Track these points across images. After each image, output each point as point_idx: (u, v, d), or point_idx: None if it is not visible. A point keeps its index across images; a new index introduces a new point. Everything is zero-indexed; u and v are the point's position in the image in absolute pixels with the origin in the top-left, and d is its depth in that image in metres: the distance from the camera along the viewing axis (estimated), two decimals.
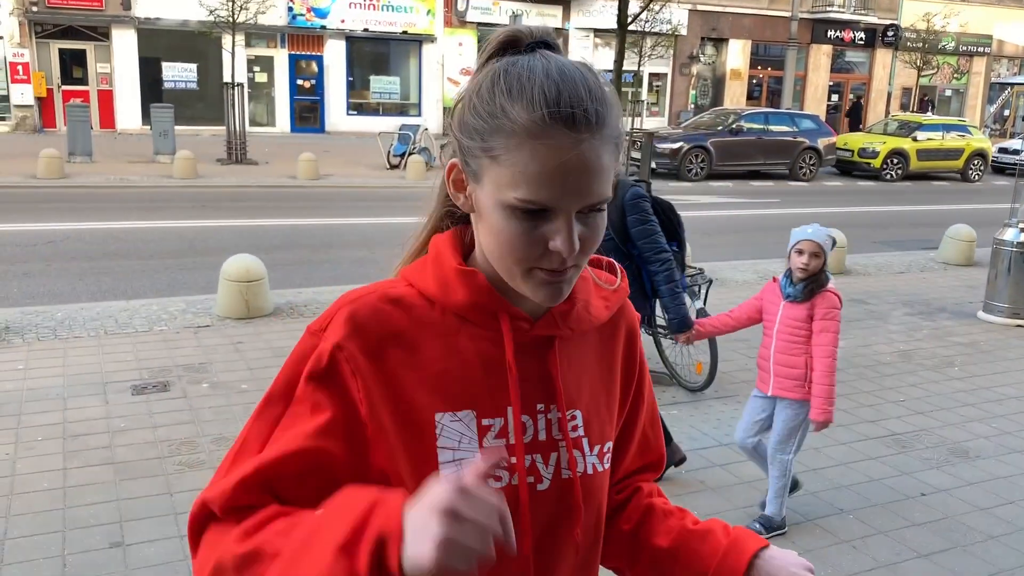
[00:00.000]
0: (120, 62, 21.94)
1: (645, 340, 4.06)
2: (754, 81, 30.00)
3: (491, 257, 0.99)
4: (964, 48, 32.17)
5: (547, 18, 25.99)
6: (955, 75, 33.23)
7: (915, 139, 20.73)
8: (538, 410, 1.05)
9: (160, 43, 22.19)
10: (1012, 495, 4.07)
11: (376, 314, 1.00)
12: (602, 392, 1.13)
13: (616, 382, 1.16)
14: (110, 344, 5.67)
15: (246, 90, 17.62)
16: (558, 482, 1.05)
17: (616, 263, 1.19)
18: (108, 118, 22.14)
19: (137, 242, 9.44)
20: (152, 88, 22.11)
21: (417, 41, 24.98)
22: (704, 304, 5.15)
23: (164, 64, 22.43)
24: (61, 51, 21.59)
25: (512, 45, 0.97)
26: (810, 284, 3.59)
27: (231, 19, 16.53)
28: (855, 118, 30.44)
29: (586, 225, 0.95)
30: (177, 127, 16.98)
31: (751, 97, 29.80)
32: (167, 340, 5.81)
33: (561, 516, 1.06)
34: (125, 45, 21.87)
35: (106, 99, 22.08)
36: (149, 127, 17.75)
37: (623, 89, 22.21)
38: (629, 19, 18.34)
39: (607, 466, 1.12)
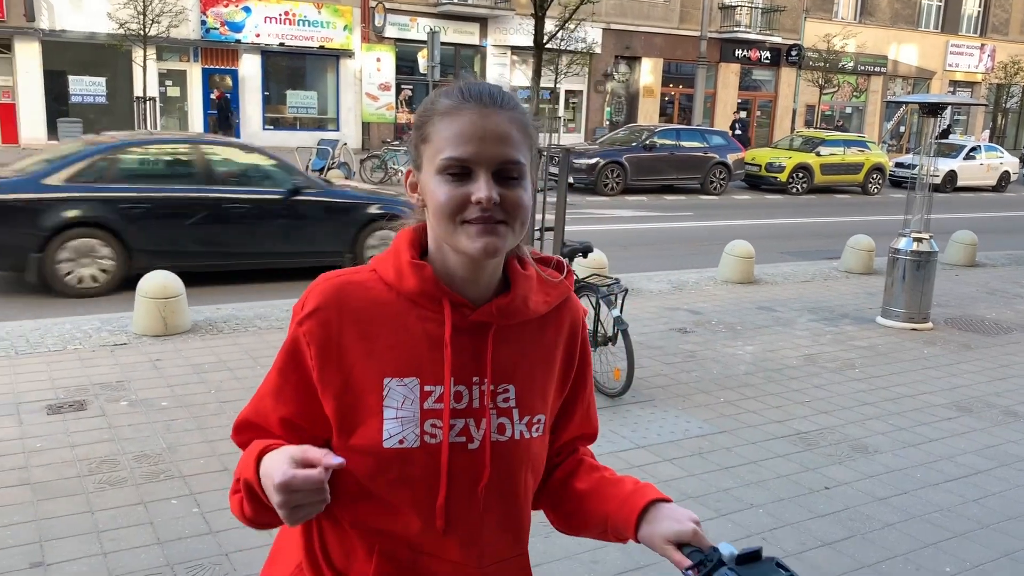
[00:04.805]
0: (24, 75, 21.17)
1: None
2: (666, 98, 30.85)
3: (433, 227, 1.19)
4: (862, 68, 33.82)
5: (464, 35, 26.23)
6: (854, 93, 34.87)
7: (819, 154, 21.68)
8: (473, 382, 1.24)
9: (67, 56, 21.49)
10: (906, 486, 4.36)
11: (338, 293, 1.22)
12: (539, 372, 1.31)
13: (555, 365, 1.33)
14: (22, 364, 5.53)
15: (158, 104, 17.26)
16: (487, 444, 1.24)
17: (564, 261, 1.34)
18: (11, 132, 21.33)
19: None
20: (59, 102, 21.41)
21: (335, 56, 24.85)
22: (621, 313, 5.34)
23: (71, 77, 21.71)
24: None
25: None
26: None
27: (142, 32, 16.17)
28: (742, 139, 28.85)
29: (506, 188, 1.15)
30: None
31: (663, 114, 30.62)
32: (82, 359, 5.69)
33: (492, 473, 1.24)
34: (29, 57, 21.11)
35: (8, 112, 21.27)
36: (56, 142, 17.19)
37: (540, 106, 22.55)
38: (545, 38, 18.74)
39: (536, 435, 1.29)
